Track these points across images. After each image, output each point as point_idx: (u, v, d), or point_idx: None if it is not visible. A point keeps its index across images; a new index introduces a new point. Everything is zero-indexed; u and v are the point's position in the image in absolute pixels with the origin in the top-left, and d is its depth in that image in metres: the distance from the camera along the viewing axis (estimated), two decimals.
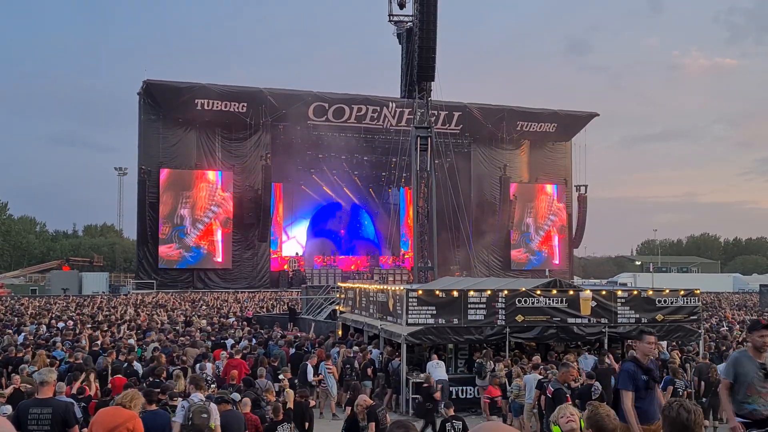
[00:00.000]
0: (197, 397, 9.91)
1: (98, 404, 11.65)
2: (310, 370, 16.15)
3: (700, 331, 18.25)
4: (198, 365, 15.37)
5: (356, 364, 17.03)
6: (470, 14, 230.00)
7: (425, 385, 14.57)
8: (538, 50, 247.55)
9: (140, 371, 14.83)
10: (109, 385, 13.53)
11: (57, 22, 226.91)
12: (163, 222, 57.92)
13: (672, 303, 17.74)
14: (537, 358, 15.47)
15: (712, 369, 15.05)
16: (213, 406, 9.73)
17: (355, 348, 18.73)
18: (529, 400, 13.77)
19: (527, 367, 15.22)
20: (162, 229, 57.87)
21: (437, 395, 14.26)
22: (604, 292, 17.88)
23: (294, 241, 66.17)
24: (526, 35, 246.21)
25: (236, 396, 11.32)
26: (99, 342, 19.12)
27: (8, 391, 11.83)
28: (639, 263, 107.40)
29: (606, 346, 17.18)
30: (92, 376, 13.14)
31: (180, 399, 10.32)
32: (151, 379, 13.28)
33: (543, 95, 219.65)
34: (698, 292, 18.41)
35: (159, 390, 10.74)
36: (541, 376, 13.72)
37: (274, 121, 59.26)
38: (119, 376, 13.81)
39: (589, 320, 17.10)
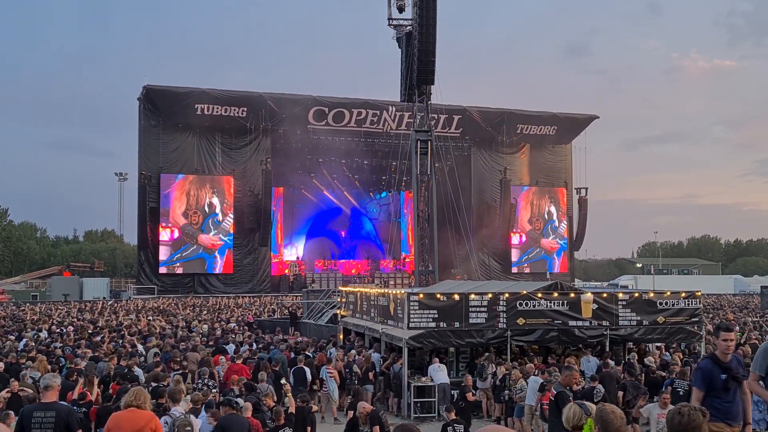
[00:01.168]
0: (177, 411, 9.90)
1: (99, 410, 11.64)
2: (308, 372, 16.13)
3: (701, 333, 18.26)
4: (199, 370, 15.36)
5: (356, 368, 17.00)
6: (469, 17, 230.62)
7: (463, 384, 14.70)
8: (538, 53, 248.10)
9: (141, 376, 14.81)
10: (111, 391, 13.51)
11: (57, 29, 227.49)
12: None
13: (673, 305, 17.73)
14: (530, 366, 15.38)
15: None
16: (193, 419, 9.72)
17: (352, 352, 18.68)
18: (530, 402, 13.76)
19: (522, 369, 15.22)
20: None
21: (469, 395, 14.24)
22: (605, 295, 17.88)
23: (295, 245, 66.18)
24: (525, 38, 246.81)
25: (239, 401, 11.32)
26: (101, 347, 19.11)
27: (4, 395, 11.76)
28: (640, 265, 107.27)
29: (607, 349, 17.18)
30: (95, 381, 13.12)
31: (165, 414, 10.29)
32: (153, 384, 13.26)
33: (543, 98, 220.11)
34: (699, 294, 18.40)
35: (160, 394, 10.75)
36: (543, 379, 13.72)
37: (273, 126, 59.30)
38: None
39: (590, 323, 17.09)
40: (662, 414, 11.15)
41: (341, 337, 22.80)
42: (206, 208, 59.43)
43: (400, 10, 41.23)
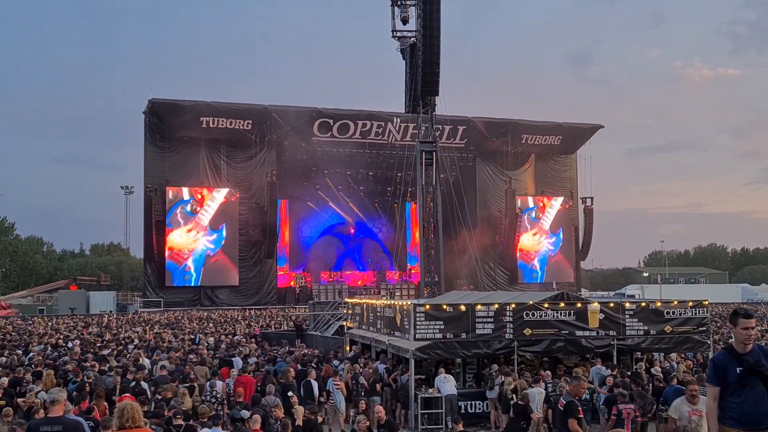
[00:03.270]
0: None
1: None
2: (315, 385, 16.10)
3: (708, 342, 18.17)
4: (208, 383, 15.35)
5: (363, 380, 16.92)
6: (473, 28, 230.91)
7: (521, 403, 13.91)
8: (542, 63, 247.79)
9: (148, 390, 14.80)
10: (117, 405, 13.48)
11: (63, 43, 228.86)
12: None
13: (680, 314, 17.66)
14: (516, 381, 15.29)
15: None
16: None
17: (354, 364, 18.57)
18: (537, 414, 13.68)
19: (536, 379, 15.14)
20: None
21: (534, 416, 13.70)
22: (612, 305, 17.82)
23: (300, 257, 66.19)
24: (529, 48, 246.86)
25: (245, 413, 11.30)
26: (107, 361, 19.12)
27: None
28: (646, 275, 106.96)
29: (615, 359, 17.10)
30: (102, 396, 13.12)
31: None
32: (158, 397, 13.27)
33: (547, 108, 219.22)
34: (707, 303, 18.35)
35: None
36: (547, 390, 13.65)
37: (278, 138, 59.52)
38: (127, 395, 13.77)
39: (597, 333, 17.03)
40: (693, 411, 9.94)
41: (348, 348, 22.77)
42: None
43: (404, 21, 41.42)
